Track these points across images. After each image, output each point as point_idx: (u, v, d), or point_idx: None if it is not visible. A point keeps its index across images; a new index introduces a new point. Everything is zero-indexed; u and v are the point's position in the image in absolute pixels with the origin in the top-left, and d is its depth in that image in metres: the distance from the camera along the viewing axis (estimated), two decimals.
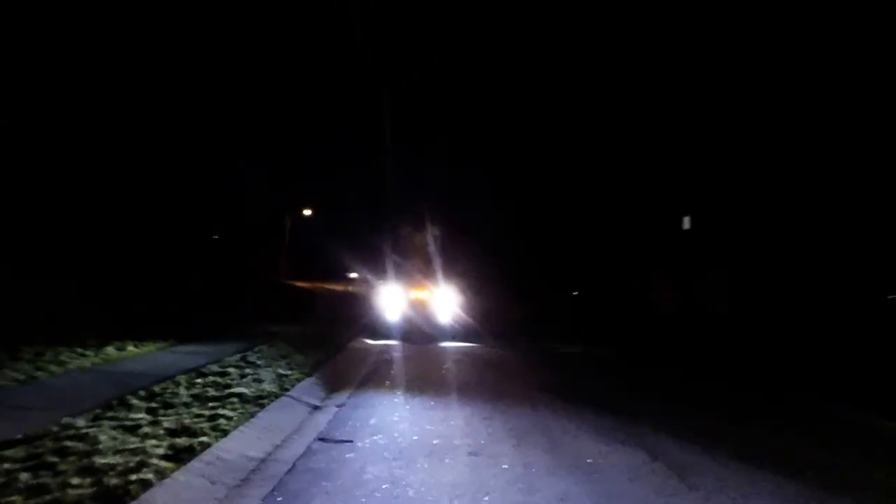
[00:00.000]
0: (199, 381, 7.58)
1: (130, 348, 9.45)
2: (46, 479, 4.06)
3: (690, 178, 26.25)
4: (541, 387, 9.66)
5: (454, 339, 16.38)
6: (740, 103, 22.81)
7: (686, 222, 26.77)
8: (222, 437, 5.40)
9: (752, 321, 20.35)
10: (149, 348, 9.78)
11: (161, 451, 4.80)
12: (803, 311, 18.69)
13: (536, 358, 14.00)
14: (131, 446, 4.82)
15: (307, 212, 49.28)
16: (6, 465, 4.20)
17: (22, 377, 6.81)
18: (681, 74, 25.93)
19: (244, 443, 5.47)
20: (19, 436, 4.81)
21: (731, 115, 23.31)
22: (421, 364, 11.81)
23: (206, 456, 4.90)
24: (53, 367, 7.42)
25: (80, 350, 8.71)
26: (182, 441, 5.10)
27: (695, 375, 12.55)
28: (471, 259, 19.39)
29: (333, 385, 8.84)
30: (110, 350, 9.04)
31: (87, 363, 7.96)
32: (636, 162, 29.68)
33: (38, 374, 7.07)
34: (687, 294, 26.30)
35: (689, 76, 25.45)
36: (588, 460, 5.65)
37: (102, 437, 4.94)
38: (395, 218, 19.55)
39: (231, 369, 8.56)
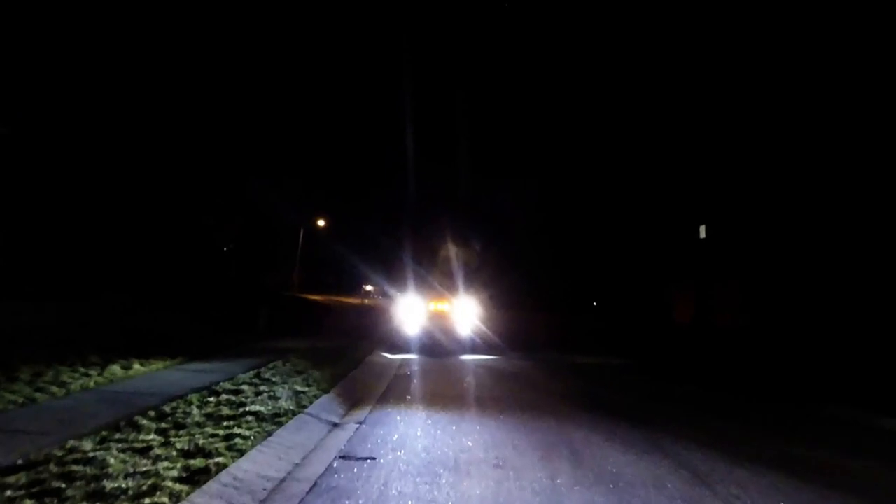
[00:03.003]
0: (211, 399, 7.49)
1: (137, 366, 9.38)
2: None
3: (707, 187, 26.48)
4: (563, 398, 9.81)
5: (474, 352, 16.58)
6: (759, 114, 22.94)
7: (702, 231, 26.89)
8: (239, 457, 5.29)
9: (768, 330, 20.48)
10: (156, 366, 9.71)
11: (175, 473, 4.72)
12: (819, 319, 18.82)
13: (557, 370, 14.01)
14: (142, 469, 4.74)
15: (321, 222, 49.29)
16: (8, 493, 4.11)
17: (20, 399, 6.72)
18: (702, 84, 26.12)
19: (262, 462, 5.36)
20: (20, 461, 4.71)
21: (749, 124, 23.48)
22: (442, 378, 11.82)
23: (223, 477, 4.79)
24: (54, 389, 7.34)
25: (82, 369, 8.65)
26: (196, 462, 5.00)
27: (713, 385, 12.60)
28: (491, 270, 19.42)
29: (353, 401, 8.77)
30: (115, 369, 8.96)
31: (90, 383, 7.87)
32: (654, 173, 30.12)
33: (38, 395, 6.99)
34: (704, 304, 26.42)
35: (711, 85, 25.61)
36: (613, 470, 5.78)
37: (111, 460, 4.85)
38: (415, 229, 19.61)
39: (245, 387, 8.48)
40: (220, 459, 5.12)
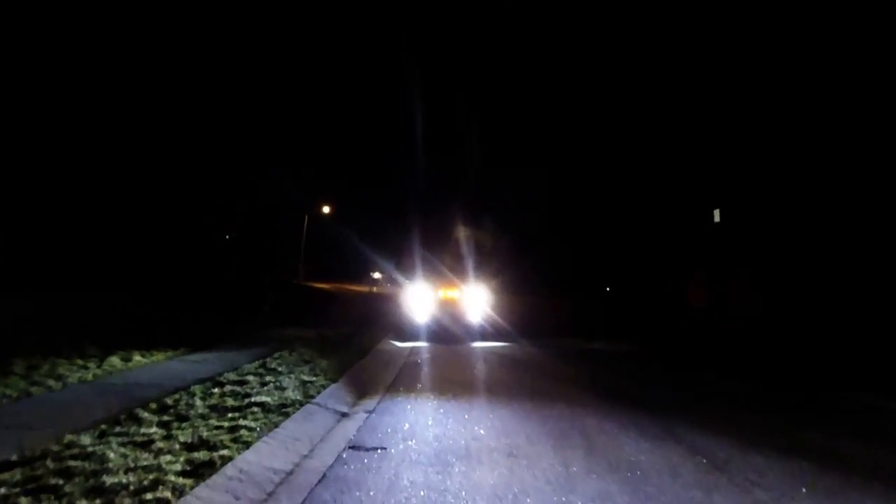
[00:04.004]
0: (215, 390, 7.41)
1: (137, 358, 9.30)
2: (50, 503, 3.87)
3: (721, 170, 26.34)
4: (575, 385, 9.80)
5: (485, 339, 16.52)
6: (773, 94, 22.66)
7: (716, 215, 26.80)
8: (245, 449, 5.20)
9: (783, 315, 20.40)
10: (158, 357, 9.63)
11: (178, 466, 4.63)
12: (836, 304, 18.71)
13: (569, 356, 13.96)
14: (144, 463, 4.64)
15: (326, 209, 49.06)
16: (2, 490, 4.01)
17: (14, 393, 6.63)
18: (718, 62, 25.88)
19: (269, 454, 5.27)
20: (15, 457, 4.61)
21: (763, 107, 23.21)
22: (452, 365, 11.78)
23: (228, 470, 4.70)
24: (51, 382, 7.25)
25: (80, 362, 8.57)
26: (200, 455, 4.91)
27: (727, 372, 12.53)
28: (501, 257, 19.38)
29: (362, 390, 8.70)
30: (115, 360, 8.88)
31: (88, 375, 7.78)
32: (667, 156, 29.99)
33: (34, 389, 6.90)
34: (717, 289, 26.35)
35: (726, 64, 25.36)
36: (628, 458, 5.76)
37: (111, 455, 4.75)
38: (424, 215, 19.59)
39: (250, 377, 8.41)
40: (225, 452, 5.03)
